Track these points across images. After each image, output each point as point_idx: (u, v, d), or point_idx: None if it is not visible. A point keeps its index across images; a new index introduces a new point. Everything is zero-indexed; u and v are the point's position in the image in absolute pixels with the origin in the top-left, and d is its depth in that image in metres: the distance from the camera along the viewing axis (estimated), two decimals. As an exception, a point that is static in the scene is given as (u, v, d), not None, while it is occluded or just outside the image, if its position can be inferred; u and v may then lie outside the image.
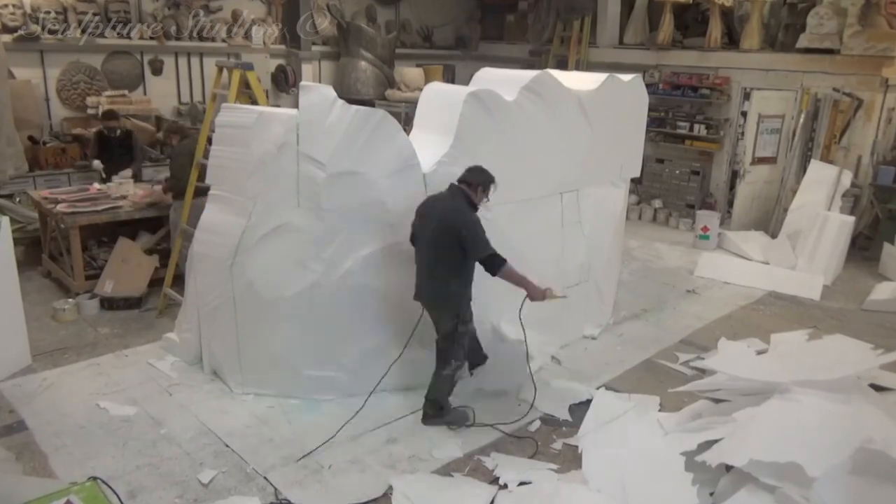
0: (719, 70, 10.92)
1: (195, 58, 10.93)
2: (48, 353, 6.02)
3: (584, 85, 6.31)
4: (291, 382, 5.36)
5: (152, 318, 6.81)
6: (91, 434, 4.87)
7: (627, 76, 6.83)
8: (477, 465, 4.68)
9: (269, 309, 5.25)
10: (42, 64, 9.50)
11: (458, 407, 5.18)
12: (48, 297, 7.22)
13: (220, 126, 5.50)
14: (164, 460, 4.60)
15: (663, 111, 11.51)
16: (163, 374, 5.72)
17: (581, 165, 6.27)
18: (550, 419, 5.28)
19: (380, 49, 12.27)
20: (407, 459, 4.71)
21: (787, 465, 4.10)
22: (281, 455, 4.69)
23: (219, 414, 5.17)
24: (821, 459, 4.10)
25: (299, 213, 5.09)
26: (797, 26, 10.30)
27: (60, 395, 5.36)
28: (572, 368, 6.07)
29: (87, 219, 7.08)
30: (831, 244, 8.71)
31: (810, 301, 8.02)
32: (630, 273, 7.26)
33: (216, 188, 5.58)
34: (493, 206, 5.55)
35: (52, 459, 4.58)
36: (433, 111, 5.88)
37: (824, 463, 4.07)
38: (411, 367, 5.53)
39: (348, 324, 5.28)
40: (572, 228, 6.29)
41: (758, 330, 6.99)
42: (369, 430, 5.02)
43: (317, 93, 5.01)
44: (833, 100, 9.68)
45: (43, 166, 8.80)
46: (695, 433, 4.82)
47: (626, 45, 12.51)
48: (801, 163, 10.06)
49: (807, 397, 4.76)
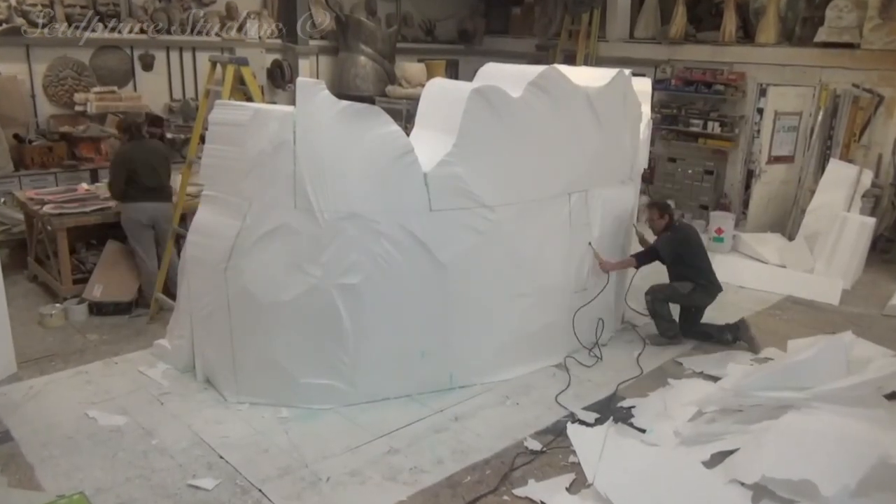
0: (734, 65, 10.93)
1: (188, 53, 10.97)
2: (34, 361, 6.04)
3: (593, 81, 6.32)
4: (288, 391, 5.38)
5: (143, 324, 6.83)
6: (79, 445, 4.87)
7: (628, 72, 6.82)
8: (482, 478, 4.69)
9: (264, 314, 5.26)
10: (28, 59, 9.54)
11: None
12: (34, 302, 7.23)
13: (213, 124, 5.51)
14: (155, 472, 4.61)
15: (676, 108, 11.52)
16: (154, 382, 5.73)
17: (590, 165, 6.28)
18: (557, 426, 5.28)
19: (380, 43, 12.30)
20: (408, 471, 4.72)
21: (801, 482, 4.11)
22: (277, 467, 4.70)
23: (212, 424, 5.18)
24: (837, 476, 4.11)
25: (296, 215, 5.10)
26: (815, 19, 10.30)
27: (47, 405, 5.37)
28: (580, 376, 6.07)
29: (74, 220, 7.11)
30: (851, 247, 8.70)
31: (829, 306, 8.02)
32: (641, 277, 7.26)
33: (210, 189, 5.59)
34: (498, 207, 5.58)
35: (38, 471, 4.58)
36: (435, 108, 5.90)
37: (840, 480, 4.08)
38: (412, 375, 5.56)
39: (347, 330, 5.29)
40: (581, 231, 6.30)
41: (774, 336, 6.99)
42: (369, 440, 5.03)
43: (315, 89, 5.03)
44: (853, 96, 9.69)
45: (29, 166, 8.85)
46: (708, 443, 4.83)
47: (636, 39, 12.53)
48: (819, 162, 10.07)
49: (825, 410, 4.76)
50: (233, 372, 5.46)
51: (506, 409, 5.52)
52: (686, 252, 6.76)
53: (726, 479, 4.45)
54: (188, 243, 5.67)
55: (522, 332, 5.99)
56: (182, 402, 5.47)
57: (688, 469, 4.68)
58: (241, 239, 5.23)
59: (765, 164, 10.28)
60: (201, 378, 5.73)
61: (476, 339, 5.77)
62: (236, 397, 5.46)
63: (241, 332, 5.38)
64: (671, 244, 6.74)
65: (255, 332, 5.34)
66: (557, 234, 6.12)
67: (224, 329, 5.44)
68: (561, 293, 6.23)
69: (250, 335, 5.36)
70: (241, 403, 5.42)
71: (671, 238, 6.79)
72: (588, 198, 6.34)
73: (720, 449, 4.80)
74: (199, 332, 5.67)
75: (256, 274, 5.23)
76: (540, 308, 6.06)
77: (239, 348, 5.41)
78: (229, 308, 5.37)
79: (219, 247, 5.33)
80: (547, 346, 6.20)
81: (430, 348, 5.57)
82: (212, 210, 5.52)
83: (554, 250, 6.10)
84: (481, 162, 5.47)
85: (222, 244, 5.31)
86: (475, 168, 5.45)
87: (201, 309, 5.57)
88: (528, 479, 4.66)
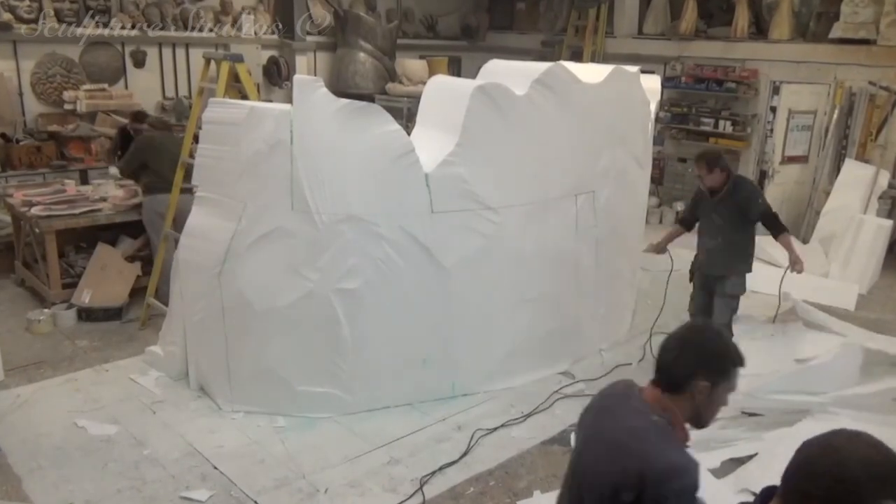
0: (746, 62, 10.94)
1: (181, 49, 10.98)
2: (22, 368, 6.04)
3: (599, 78, 6.32)
4: (284, 399, 5.38)
5: (134, 331, 6.84)
6: (68, 455, 4.88)
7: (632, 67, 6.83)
8: (486, 489, 4.69)
9: (260, 320, 5.27)
10: (15, 55, 9.55)
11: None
12: (22, 307, 7.25)
13: (207, 122, 5.52)
14: (147, 483, 4.61)
15: (686, 106, 11.53)
16: (146, 390, 5.74)
17: (597, 165, 6.28)
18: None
19: (380, 39, 12.31)
20: (409, 482, 4.72)
21: None
22: (273, 477, 4.70)
23: (206, 433, 5.18)
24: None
25: (293, 217, 5.11)
26: (830, 15, 10.32)
27: (35, 414, 5.37)
28: (588, 384, 6.06)
29: (63, 223, 7.12)
30: (867, 250, 8.70)
31: (844, 311, 8.01)
32: (650, 282, 7.26)
33: (203, 190, 5.60)
34: (502, 209, 5.58)
35: (26, 483, 4.59)
36: (437, 107, 5.91)
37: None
38: (413, 383, 5.56)
39: (346, 336, 5.29)
40: (588, 233, 6.30)
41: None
42: (368, 450, 5.03)
43: (312, 86, 5.04)
44: (869, 94, 9.69)
45: (16, 166, 8.86)
46: (718, 449, 4.83)
47: (645, 35, 12.55)
48: (834, 162, 10.07)
49: (843, 416, 4.76)
50: (227, 380, 5.46)
51: (510, 418, 5.51)
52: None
53: (737, 489, 4.45)
54: (181, 246, 5.68)
55: (527, 338, 5.99)
56: (175, 410, 5.47)
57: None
58: (236, 242, 5.23)
59: (778, 164, 10.29)
60: (195, 386, 5.73)
61: (479, 345, 5.77)
62: (231, 406, 5.46)
63: (235, 339, 5.39)
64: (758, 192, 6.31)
65: (251, 339, 5.34)
66: (564, 237, 6.12)
67: (218, 335, 5.44)
68: (567, 298, 6.23)
69: (245, 342, 5.36)
70: (236, 412, 5.42)
71: (749, 180, 6.48)
72: (595, 199, 6.34)
73: (731, 456, 4.80)
74: (193, 339, 5.67)
75: (252, 278, 5.23)
76: (545, 313, 6.06)
77: (234, 355, 5.41)
78: (223, 314, 5.37)
79: (213, 250, 5.34)
80: (553, 353, 6.20)
81: (432, 355, 5.57)
82: (205, 212, 5.53)
83: (560, 253, 6.10)
84: (485, 162, 5.48)
85: (216, 247, 5.31)
86: (478, 168, 5.45)
87: (194, 314, 5.58)
88: (533, 490, 4.66)
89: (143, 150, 7.08)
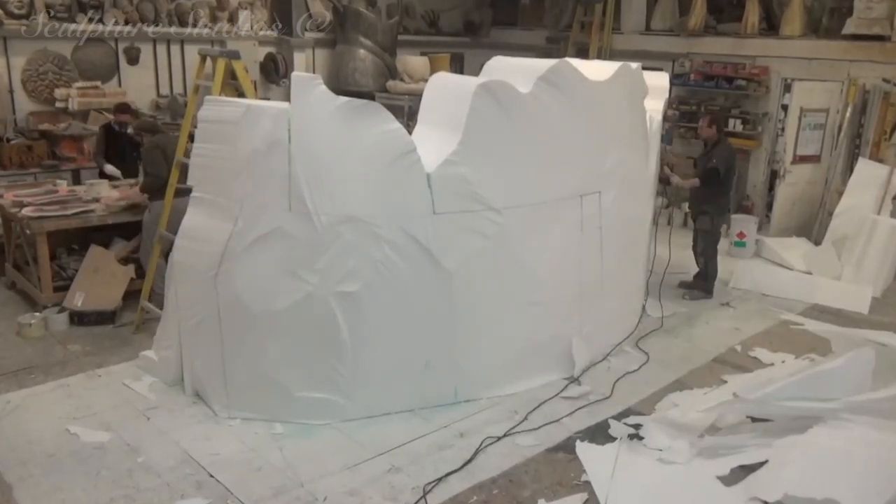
0: (757, 59, 10.95)
1: (175, 46, 10.99)
2: (12, 373, 6.05)
3: (606, 75, 6.33)
4: (282, 405, 5.38)
5: (128, 335, 6.84)
6: (60, 463, 4.88)
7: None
8: (489, 498, 4.69)
9: (257, 324, 5.27)
10: (5, 52, 9.56)
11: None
12: (13, 310, 7.25)
13: (203, 121, 5.53)
14: (141, 492, 4.61)
15: (695, 104, 11.54)
16: (140, 396, 5.74)
17: (603, 165, 6.29)
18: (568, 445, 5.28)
19: (380, 36, 12.33)
20: (411, 490, 4.72)
21: (825, 501, 4.11)
22: (271, 486, 4.70)
23: (202, 440, 5.19)
24: (863, 497, 4.12)
25: (291, 218, 5.12)
26: (843, 10, 10.33)
27: (26, 420, 5.38)
28: (592, 389, 6.06)
29: (55, 224, 7.13)
30: (881, 252, 8.70)
31: (858, 315, 8.01)
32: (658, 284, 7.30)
33: (199, 190, 5.59)
34: (505, 210, 5.58)
35: (17, 491, 4.59)
36: (439, 104, 5.92)
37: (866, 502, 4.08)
38: (414, 389, 5.56)
39: (345, 340, 5.30)
40: (593, 235, 6.30)
41: (799, 347, 6.99)
42: (368, 458, 5.03)
43: (311, 84, 5.05)
44: (883, 91, 9.69)
45: (6, 165, 8.87)
46: (727, 456, 4.83)
47: (653, 31, 12.56)
48: (847, 162, 10.07)
49: (856, 423, 4.76)
50: (224, 385, 5.47)
51: (513, 425, 5.50)
52: (733, 166, 8.12)
53: (747, 497, 4.45)
54: (176, 248, 5.68)
55: (531, 342, 5.99)
56: (170, 417, 5.47)
57: (705, 486, 4.69)
58: (233, 243, 5.24)
59: (790, 163, 10.28)
60: (190, 392, 5.73)
61: (482, 350, 5.77)
62: (227, 412, 5.46)
63: (232, 343, 5.39)
64: (730, 153, 8.03)
65: (248, 343, 5.34)
66: (569, 239, 6.13)
67: (214, 340, 5.44)
68: (572, 301, 6.23)
69: (242, 346, 5.37)
70: (233, 419, 5.43)
71: (728, 147, 8.06)
72: (601, 200, 6.34)
73: (740, 463, 4.80)
74: (188, 343, 5.68)
75: (248, 281, 5.24)
76: (550, 317, 6.07)
77: (230, 360, 5.42)
78: (220, 317, 5.38)
79: (208, 252, 5.35)
80: (557, 358, 6.20)
81: (434, 360, 5.58)
82: (201, 213, 5.53)
83: (565, 255, 6.10)
84: (488, 162, 5.48)
85: (212, 249, 5.32)
86: (481, 168, 5.46)
87: (190, 318, 5.58)
88: (538, 498, 4.66)
89: (159, 162, 6.95)
